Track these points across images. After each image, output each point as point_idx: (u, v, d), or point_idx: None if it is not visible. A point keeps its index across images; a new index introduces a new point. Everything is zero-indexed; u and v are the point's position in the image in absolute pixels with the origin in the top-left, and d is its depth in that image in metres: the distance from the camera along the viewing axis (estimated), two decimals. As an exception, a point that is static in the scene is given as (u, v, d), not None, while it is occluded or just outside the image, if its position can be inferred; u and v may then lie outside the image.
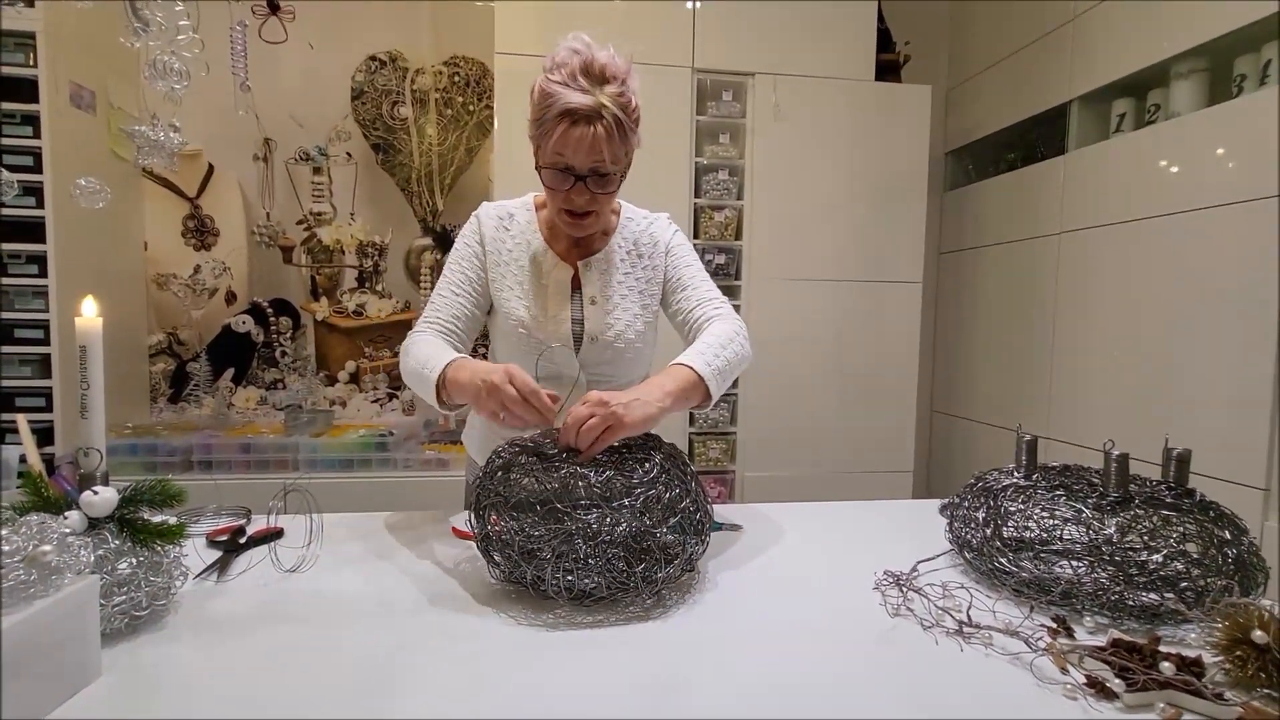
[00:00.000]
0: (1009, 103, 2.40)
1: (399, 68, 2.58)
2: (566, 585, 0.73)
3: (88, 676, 0.58)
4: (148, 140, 0.91)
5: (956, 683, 0.62)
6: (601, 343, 1.05)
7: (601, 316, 1.06)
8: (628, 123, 0.95)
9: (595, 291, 1.07)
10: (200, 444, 2.18)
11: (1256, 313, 1.50)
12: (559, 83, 0.93)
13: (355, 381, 2.65)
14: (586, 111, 0.92)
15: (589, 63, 0.93)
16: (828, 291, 2.36)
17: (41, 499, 0.66)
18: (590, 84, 0.93)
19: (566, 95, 0.92)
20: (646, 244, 1.11)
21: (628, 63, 0.96)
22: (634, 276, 1.10)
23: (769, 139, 2.28)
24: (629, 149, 0.98)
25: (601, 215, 1.03)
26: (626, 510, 0.74)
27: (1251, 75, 1.60)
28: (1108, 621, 0.72)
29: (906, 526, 1.07)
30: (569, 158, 0.95)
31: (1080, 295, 2.04)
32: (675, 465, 0.83)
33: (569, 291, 1.06)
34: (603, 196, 0.99)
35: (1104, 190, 1.95)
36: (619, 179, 1.00)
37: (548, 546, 0.73)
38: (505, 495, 0.77)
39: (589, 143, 0.93)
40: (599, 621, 0.73)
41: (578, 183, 0.96)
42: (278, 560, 0.86)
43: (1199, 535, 0.74)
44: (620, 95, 0.94)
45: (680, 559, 0.77)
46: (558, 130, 0.93)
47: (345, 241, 2.61)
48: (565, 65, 0.94)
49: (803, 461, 2.37)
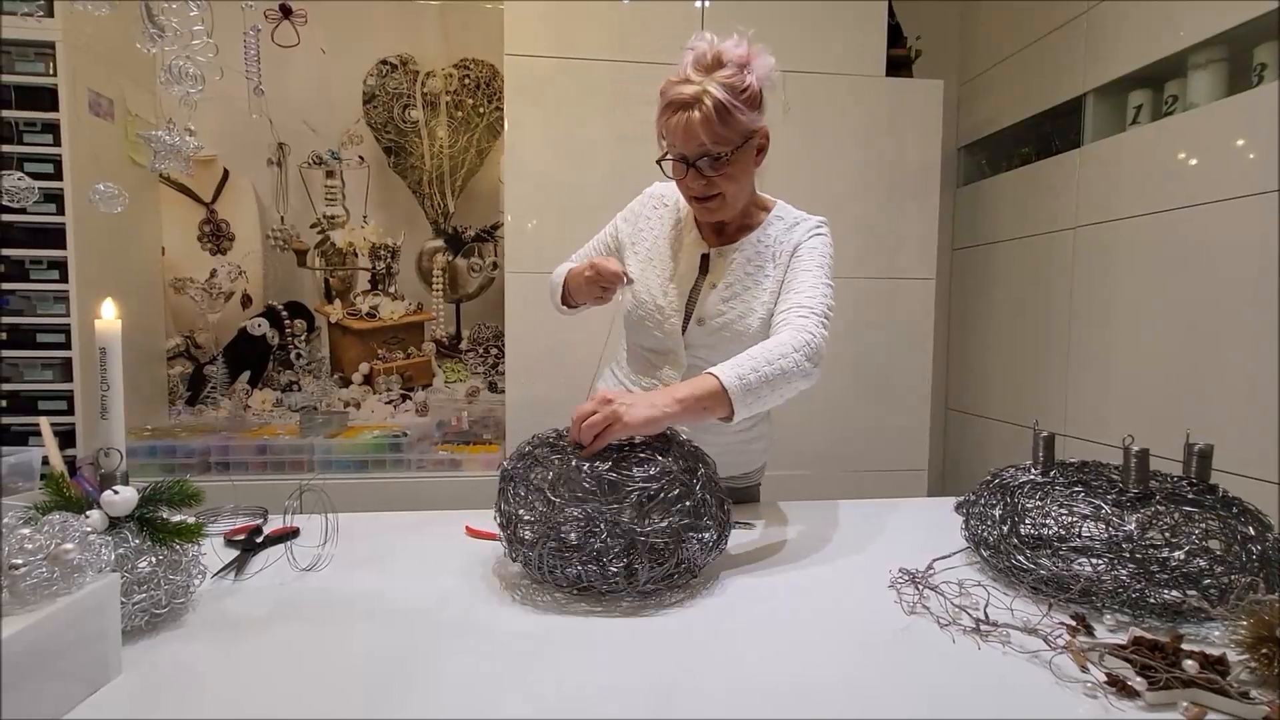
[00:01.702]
0: (1022, 96, 2.38)
1: (410, 71, 2.60)
2: (561, 572, 0.75)
3: (109, 673, 0.59)
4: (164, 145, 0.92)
5: (974, 680, 0.61)
6: (709, 327, 1.08)
7: (716, 303, 1.09)
8: (734, 103, 0.96)
9: (718, 278, 1.10)
10: (217, 445, 2.20)
11: (1278, 306, 1.47)
12: (674, 80, 0.99)
13: (369, 383, 2.67)
14: (685, 100, 0.97)
15: (703, 54, 0.98)
16: (839, 288, 2.32)
17: (64, 498, 0.67)
18: (700, 73, 0.98)
19: (674, 89, 0.98)
20: (784, 244, 1.10)
21: (751, 50, 1.00)
22: (765, 272, 1.09)
23: (779, 136, 2.24)
24: (741, 129, 0.98)
25: (729, 200, 1.04)
26: (619, 506, 0.75)
27: (1272, 64, 1.57)
28: (1128, 619, 0.71)
29: (921, 524, 1.06)
30: (676, 145, 1.00)
31: (1097, 290, 2.02)
32: (684, 466, 0.82)
33: (696, 271, 1.11)
34: (720, 179, 1.01)
35: (1121, 183, 1.92)
36: (731, 161, 1.00)
37: (546, 532, 0.76)
38: (523, 480, 0.81)
39: (684, 128, 0.97)
40: (610, 621, 0.73)
41: (690, 168, 1.00)
42: (294, 559, 0.87)
43: (1222, 532, 0.73)
44: (731, 77, 0.97)
45: (671, 560, 0.76)
46: (665, 120, 1.00)
47: (358, 244, 2.63)
48: (684, 62, 1.00)
49: (815, 460, 2.35)
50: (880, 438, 2.38)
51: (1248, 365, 1.55)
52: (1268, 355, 1.50)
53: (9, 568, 0.53)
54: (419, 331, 2.69)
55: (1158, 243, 1.79)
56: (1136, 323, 1.87)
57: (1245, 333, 1.55)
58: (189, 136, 0.95)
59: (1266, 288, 1.50)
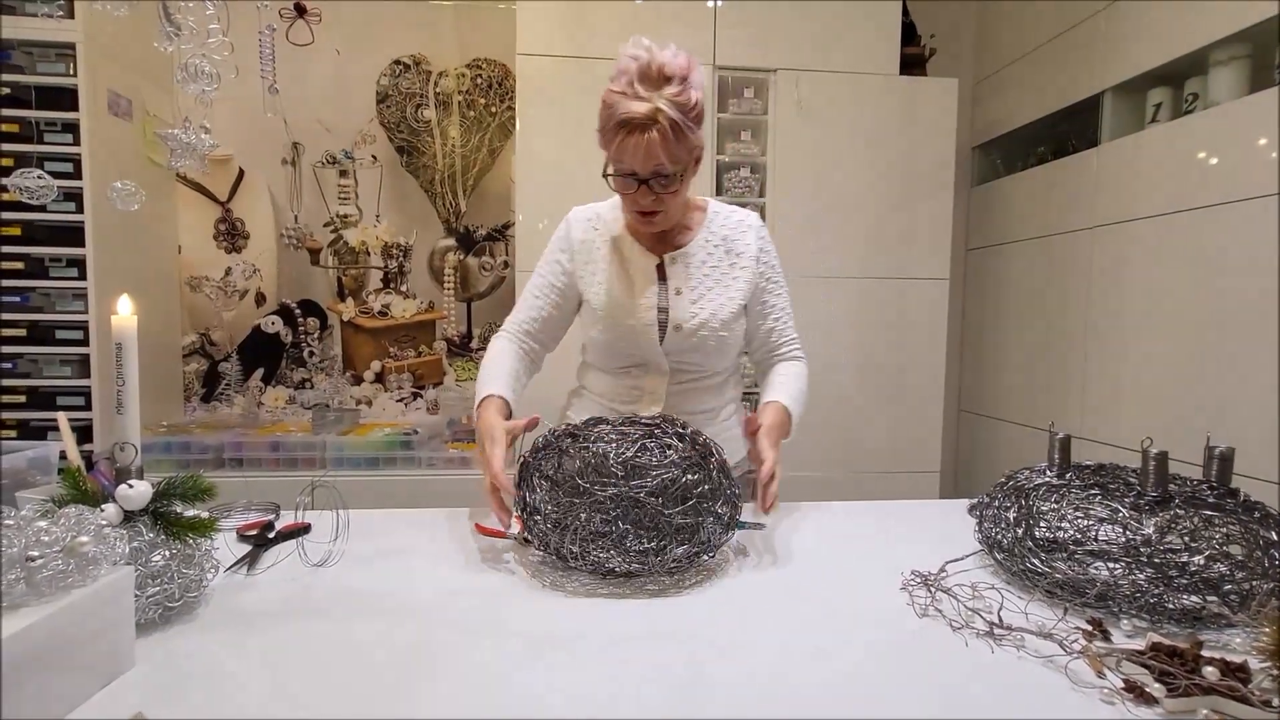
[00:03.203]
0: (1038, 95, 2.35)
1: (422, 71, 2.61)
2: (586, 557, 0.79)
3: (122, 665, 0.60)
4: (180, 143, 0.93)
5: (988, 684, 0.60)
6: (685, 331, 1.09)
7: (686, 306, 1.09)
8: (686, 123, 0.97)
9: (680, 283, 1.10)
10: (231, 442, 2.23)
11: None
12: (619, 91, 0.97)
13: (381, 381, 2.69)
14: (641, 120, 0.95)
15: (646, 67, 0.96)
16: (852, 289, 2.33)
17: (80, 492, 0.67)
18: (648, 89, 0.96)
19: (624, 105, 0.96)
20: (738, 242, 1.15)
21: (689, 60, 0.98)
22: (721, 271, 1.13)
23: (791, 135, 2.26)
24: (691, 146, 1.00)
25: (670, 213, 1.07)
26: (643, 490, 0.80)
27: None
28: (1146, 625, 0.70)
29: (934, 527, 1.05)
30: (630, 164, 0.99)
31: (1115, 291, 1.99)
32: (699, 453, 0.86)
33: (654, 280, 1.10)
34: (668, 196, 1.02)
35: (1139, 183, 1.90)
36: (682, 177, 1.03)
37: (569, 516, 0.81)
38: (548, 470, 0.85)
39: (645, 149, 0.96)
40: (621, 619, 0.73)
41: (641, 185, 1.00)
42: (305, 555, 0.87)
43: (1243, 537, 0.71)
44: (679, 95, 0.96)
45: (694, 541, 0.81)
46: (617, 139, 0.98)
47: (371, 243, 2.65)
48: (625, 73, 0.97)
49: (826, 461, 2.34)
50: (892, 439, 2.36)
51: (1269, 368, 1.52)
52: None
53: (26, 559, 0.53)
54: (430, 330, 2.70)
55: (1177, 243, 1.77)
56: (1154, 324, 1.84)
57: (1267, 335, 1.52)
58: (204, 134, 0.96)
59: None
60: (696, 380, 1.14)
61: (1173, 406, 1.78)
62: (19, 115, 1.95)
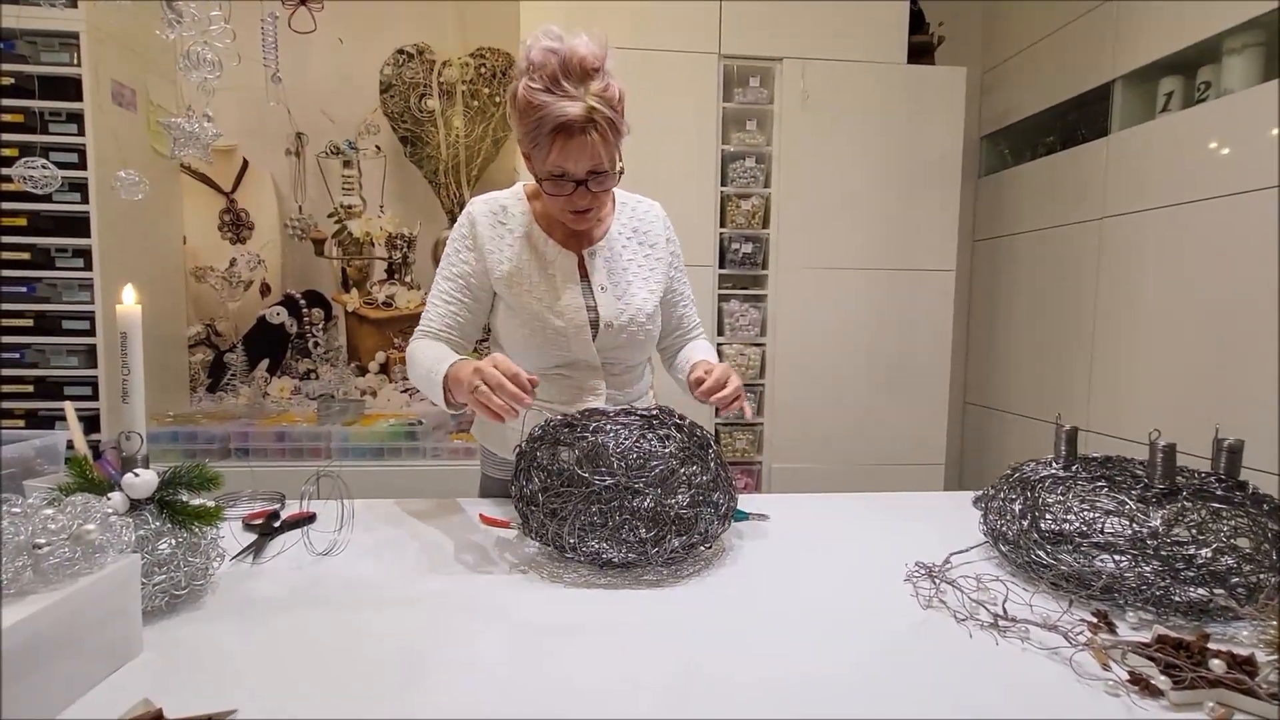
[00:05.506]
0: (1048, 84, 2.32)
1: (426, 60, 2.60)
2: (586, 548, 0.79)
3: (130, 652, 0.60)
4: (183, 132, 0.93)
5: (992, 676, 0.60)
6: (617, 328, 1.06)
7: (613, 303, 1.07)
8: (616, 117, 0.94)
9: (603, 279, 1.08)
10: (237, 432, 2.24)
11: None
12: (542, 90, 0.91)
13: (385, 372, 2.69)
14: (581, 122, 0.91)
15: (567, 60, 0.90)
16: (858, 280, 2.31)
17: (87, 481, 0.68)
18: (574, 84, 0.91)
19: (556, 107, 0.90)
20: (647, 230, 1.14)
21: (603, 45, 0.93)
22: (638, 263, 1.12)
23: (797, 125, 2.24)
24: (620, 138, 0.97)
25: (604, 207, 1.06)
26: (643, 481, 0.80)
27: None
28: (1152, 617, 0.70)
29: (938, 518, 1.05)
30: (566, 165, 0.94)
31: (1123, 282, 1.97)
32: (696, 443, 0.86)
33: (577, 279, 1.07)
34: (604, 193, 1.00)
35: (1150, 173, 1.87)
36: (615, 172, 1.00)
37: (569, 507, 0.80)
38: (545, 459, 0.84)
39: (587, 151, 0.93)
40: (624, 610, 0.73)
41: (579, 187, 0.97)
42: (310, 544, 0.88)
43: (1251, 530, 0.71)
44: (605, 90, 0.93)
45: (692, 532, 0.81)
46: (555, 145, 0.92)
47: (375, 234, 2.65)
48: (544, 67, 0.91)
49: (831, 453, 2.33)
50: (897, 431, 2.35)
51: (1278, 360, 1.50)
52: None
53: (33, 546, 0.54)
54: (435, 321, 2.70)
55: (1188, 234, 1.75)
56: (1164, 316, 1.83)
57: (1277, 328, 1.51)
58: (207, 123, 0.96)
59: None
60: (625, 371, 1.12)
61: (1181, 399, 1.76)
62: (23, 105, 1.95)
